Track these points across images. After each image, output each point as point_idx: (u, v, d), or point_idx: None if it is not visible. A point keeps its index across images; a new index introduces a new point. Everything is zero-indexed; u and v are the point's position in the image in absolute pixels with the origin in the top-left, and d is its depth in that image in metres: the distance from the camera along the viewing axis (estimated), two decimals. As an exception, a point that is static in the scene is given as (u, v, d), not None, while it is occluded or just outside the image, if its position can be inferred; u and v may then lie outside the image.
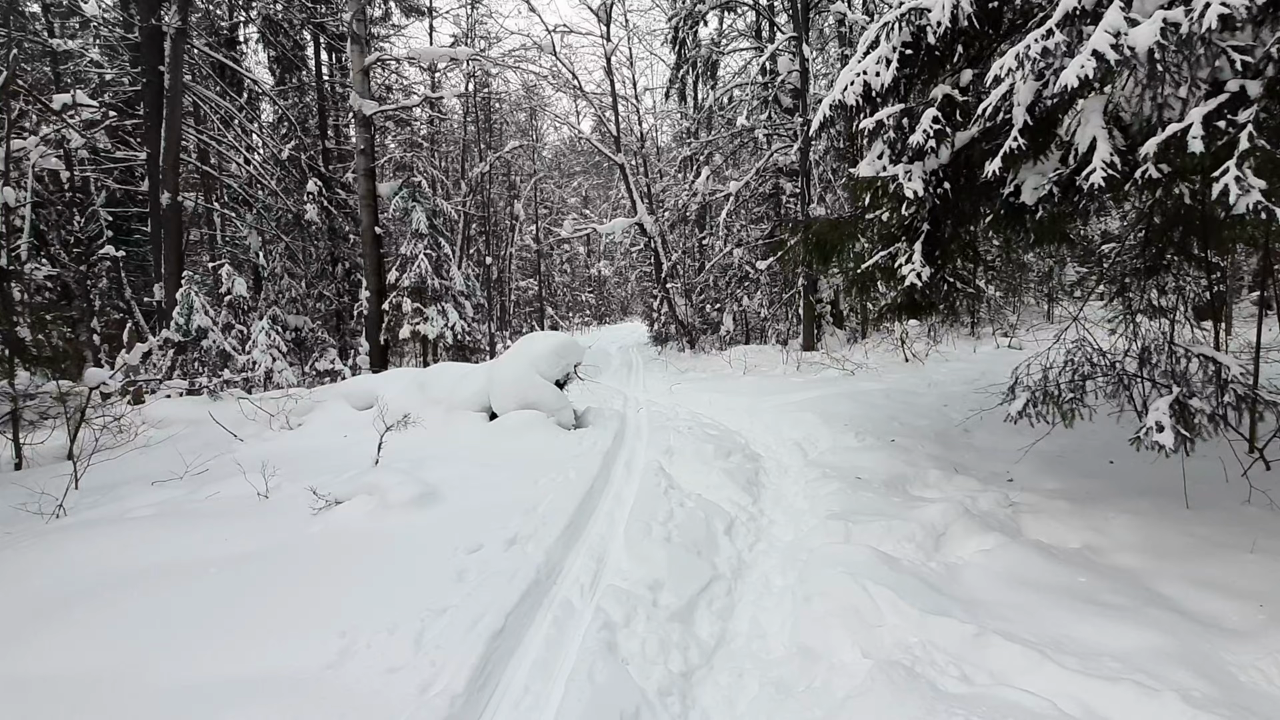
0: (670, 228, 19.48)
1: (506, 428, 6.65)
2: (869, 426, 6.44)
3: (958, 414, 6.85)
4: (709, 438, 6.46)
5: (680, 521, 3.96)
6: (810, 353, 12.40)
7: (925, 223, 4.04)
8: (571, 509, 4.23)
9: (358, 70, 12.71)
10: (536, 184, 28.28)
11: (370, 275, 12.88)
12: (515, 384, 6.97)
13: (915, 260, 3.87)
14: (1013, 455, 5.33)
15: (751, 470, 5.52)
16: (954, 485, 4.77)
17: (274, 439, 7.69)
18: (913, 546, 3.40)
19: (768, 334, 16.59)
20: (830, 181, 12.65)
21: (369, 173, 12.72)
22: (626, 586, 3.07)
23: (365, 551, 3.66)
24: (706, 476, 5.18)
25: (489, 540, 3.62)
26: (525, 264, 33.04)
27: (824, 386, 8.83)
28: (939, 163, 4.04)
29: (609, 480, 5.33)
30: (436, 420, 7.30)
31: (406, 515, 4.24)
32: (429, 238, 12.92)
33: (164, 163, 12.60)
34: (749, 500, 4.70)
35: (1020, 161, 3.36)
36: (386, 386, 8.64)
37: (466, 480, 5.04)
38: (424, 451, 6.22)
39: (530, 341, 7.36)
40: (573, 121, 23.18)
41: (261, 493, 5.14)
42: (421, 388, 8.08)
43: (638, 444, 6.67)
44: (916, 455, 5.41)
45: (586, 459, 5.61)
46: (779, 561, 3.62)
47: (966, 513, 3.68)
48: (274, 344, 11.64)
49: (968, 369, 9.25)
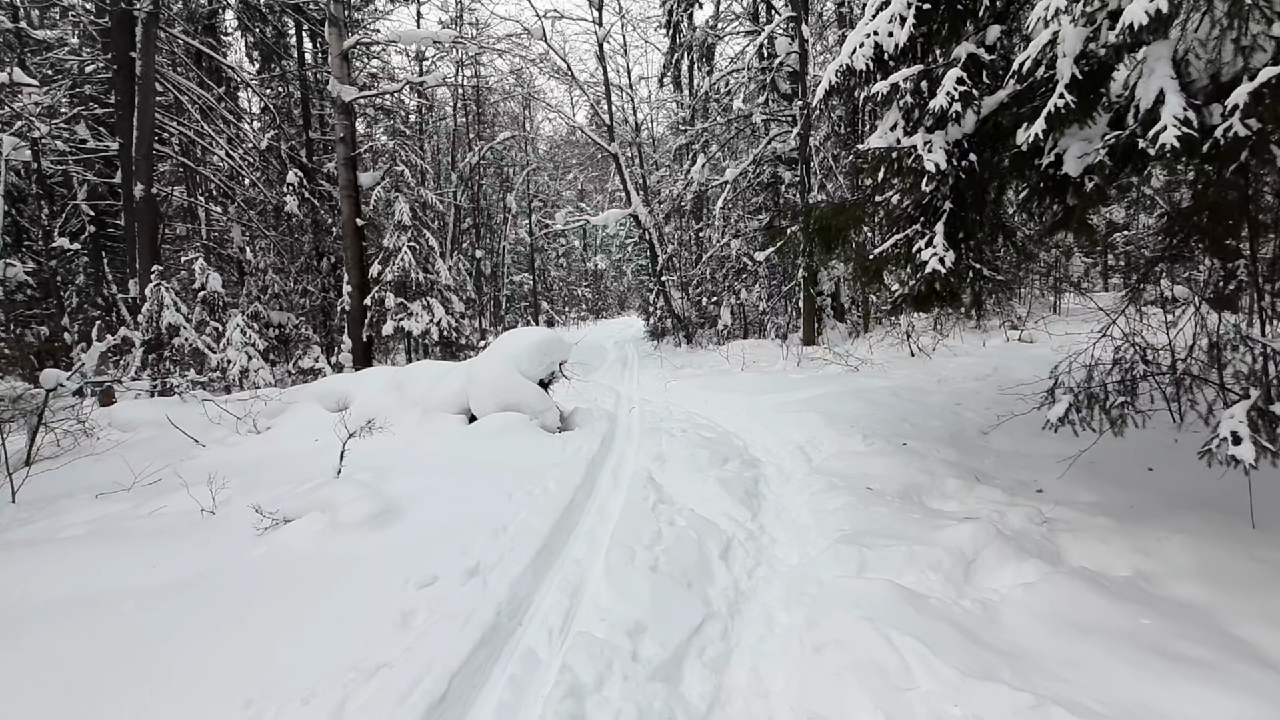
0: (666, 219, 18.93)
1: (484, 432, 6.14)
2: (877, 428, 5.94)
3: (972, 414, 6.35)
4: (704, 441, 5.96)
5: (670, 544, 3.46)
6: (810, 347, 11.90)
7: (947, 201, 3.53)
8: (546, 529, 3.73)
9: (336, 54, 12.13)
10: (530, 176, 27.68)
11: (352, 269, 12.34)
12: (495, 384, 6.46)
13: (937, 244, 3.36)
14: (1039, 461, 4.84)
15: (750, 479, 5.02)
16: (976, 496, 4.28)
17: (239, 444, 7.18)
18: (939, 578, 2.90)
19: (766, 328, 16.08)
20: (831, 168, 12.11)
21: (349, 162, 12.16)
22: (603, 633, 2.57)
23: (304, 584, 3.16)
24: (701, 487, 4.69)
25: (446, 570, 3.12)
26: (520, 258, 32.48)
27: (827, 384, 8.34)
28: (962, 132, 3.53)
29: (593, 491, 4.83)
30: (412, 423, 6.80)
31: (359, 537, 3.74)
32: (413, 230, 12.38)
33: (136, 153, 12.06)
34: (748, 515, 4.20)
35: (1063, 125, 2.85)
36: (361, 387, 8.14)
37: (433, 493, 4.54)
38: (393, 458, 5.71)
39: (511, 338, 6.84)
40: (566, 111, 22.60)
41: (207, 509, 4.64)
42: (398, 388, 7.57)
43: (627, 448, 6.18)
44: (931, 461, 4.91)
45: (569, 467, 5.11)
46: (782, 592, 3.12)
47: (999, 535, 3.18)
48: (249, 341, 11.11)
49: (978, 364, 8.76)
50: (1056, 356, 9.19)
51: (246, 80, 15.73)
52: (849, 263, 5.08)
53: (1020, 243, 3.69)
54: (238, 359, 10.87)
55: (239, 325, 11.02)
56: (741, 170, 12.88)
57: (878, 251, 3.66)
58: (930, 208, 3.67)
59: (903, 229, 3.65)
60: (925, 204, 3.74)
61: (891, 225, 3.77)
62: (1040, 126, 2.72)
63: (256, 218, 15.56)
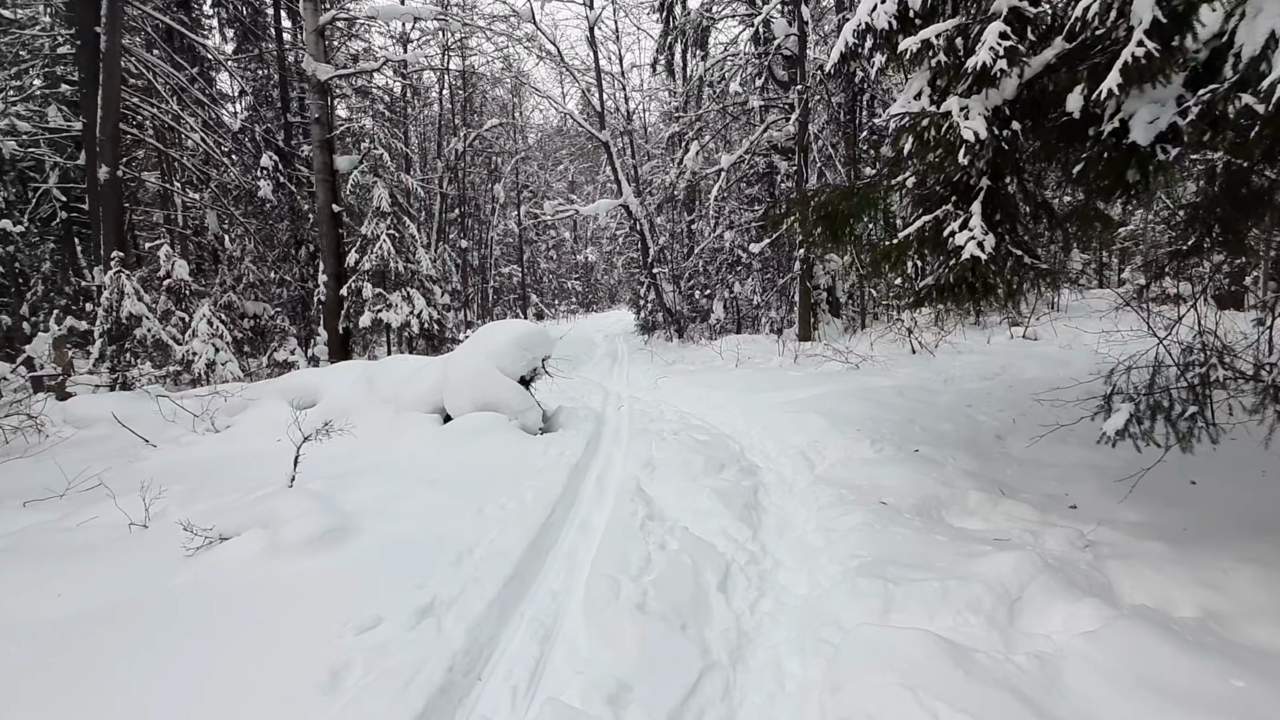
0: (658, 210, 18.39)
1: (459, 433, 5.63)
2: (885, 432, 5.49)
3: (985, 416, 5.91)
4: (697, 445, 5.48)
5: (660, 573, 2.98)
6: (807, 343, 11.45)
7: (984, 178, 3.04)
8: (519, 551, 3.23)
9: (311, 30, 11.47)
10: (518, 164, 27.00)
11: (328, 257, 11.73)
12: (471, 381, 5.94)
13: (974, 226, 2.89)
14: (1067, 472, 4.40)
15: (749, 489, 4.54)
16: (1002, 513, 3.83)
17: (194, 444, 6.62)
18: (980, 622, 2.44)
19: (760, 322, 15.62)
20: (830, 157, 11.63)
21: (325, 144, 11.53)
22: (578, 698, 2.09)
23: (222, 626, 2.65)
24: (695, 499, 4.21)
25: (395, 607, 2.62)
26: (509, 250, 31.82)
27: (826, 382, 7.88)
28: (1002, 97, 3.05)
29: (575, 502, 4.34)
30: (382, 423, 6.27)
31: (300, 561, 3.23)
32: (393, 217, 11.78)
33: (101, 132, 11.38)
34: (748, 533, 3.73)
35: (1140, 81, 2.37)
36: (330, 383, 7.59)
37: (396, 504, 4.03)
38: (356, 462, 5.19)
39: (490, 332, 6.32)
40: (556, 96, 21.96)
41: (139, 522, 4.11)
42: (369, 384, 7.04)
43: (615, 451, 5.69)
44: (949, 471, 4.46)
45: (550, 474, 4.61)
46: (792, 632, 2.66)
47: (1045, 566, 2.72)
48: (217, 333, 10.49)
49: (985, 362, 8.34)
50: (1065, 354, 8.83)
51: (220, 60, 15.00)
52: (862, 252, 4.61)
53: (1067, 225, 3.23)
54: (204, 351, 10.26)
55: (205, 316, 10.41)
56: (737, 158, 12.37)
57: (903, 235, 3.18)
58: (961, 185, 3.19)
59: (931, 210, 3.17)
60: (956, 181, 3.26)
61: (917, 206, 3.30)
62: (1114, 81, 2.24)
63: (232, 204, 14.88)
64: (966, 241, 2.85)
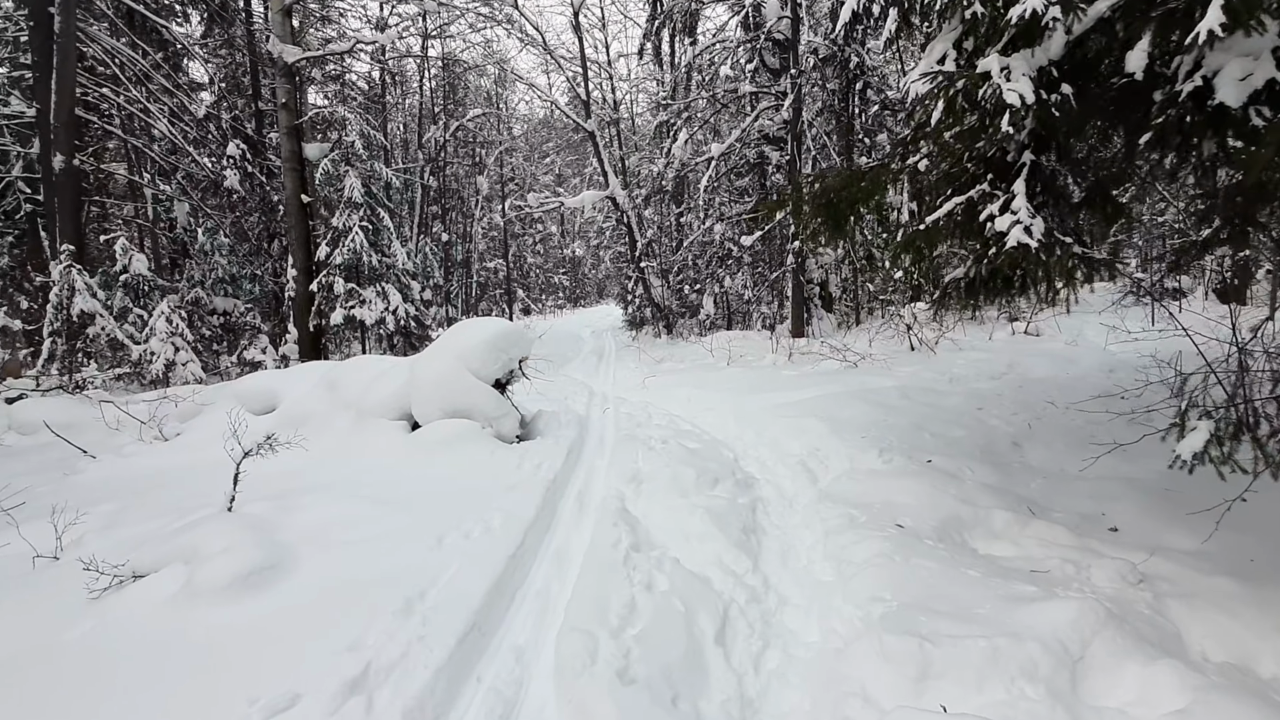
0: (645, 202, 17.86)
1: (426, 444, 5.11)
2: (893, 439, 5.04)
3: (998, 420, 5.49)
4: (688, 455, 5.00)
5: (647, 624, 2.50)
6: (801, 339, 11.01)
7: (1026, 151, 2.57)
8: (480, 594, 2.74)
9: (277, 10, 10.81)
10: (503, 156, 26.33)
11: (296, 251, 11.11)
12: (440, 385, 5.42)
13: (1018, 208, 2.42)
14: (1097, 487, 3.97)
15: (746, 507, 4.07)
16: (1034, 536, 3.39)
17: (138, 455, 6.05)
18: (1041, 695, 1.98)
19: (751, 318, 15.16)
20: (826, 145, 11.16)
21: (292, 131, 10.89)
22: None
23: (108, 699, 2.14)
24: (686, 520, 3.72)
25: (319, 678, 2.12)
26: (494, 244, 31.14)
27: (825, 382, 7.43)
28: (1049, 56, 2.57)
29: (552, 525, 3.85)
30: (343, 430, 5.74)
31: (219, 609, 2.71)
32: (366, 208, 11.17)
33: (55, 119, 10.69)
34: (747, 563, 3.25)
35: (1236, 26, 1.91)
36: (290, 386, 7.01)
37: (344, 531, 3.52)
38: (309, 477, 4.67)
39: (461, 331, 5.79)
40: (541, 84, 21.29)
41: (48, 553, 3.57)
42: (331, 387, 6.48)
43: (598, 462, 5.20)
44: (968, 485, 4.01)
45: (524, 491, 4.11)
46: (807, 700, 2.19)
47: (1109, 616, 2.27)
48: (177, 331, 9.86)
49: (989, 360, 7.93)
50: (1071, 350, 8.45)
51: (183, 43, 14.24)
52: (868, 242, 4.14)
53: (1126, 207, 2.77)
54: (162, 351, 9.62)
55: (164, 313, 9.77)
56: (727, 146, 11.87)
57: (931, 220, 2.70)
58: (996, 162, 2.72)
59: (962, 190, 2.69)
60: (989, 157, 2.79)
61: (944, 186, 2.82)
62: (1214, 20, 1.77)
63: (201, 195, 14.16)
64: (1011, 227, 2.39)
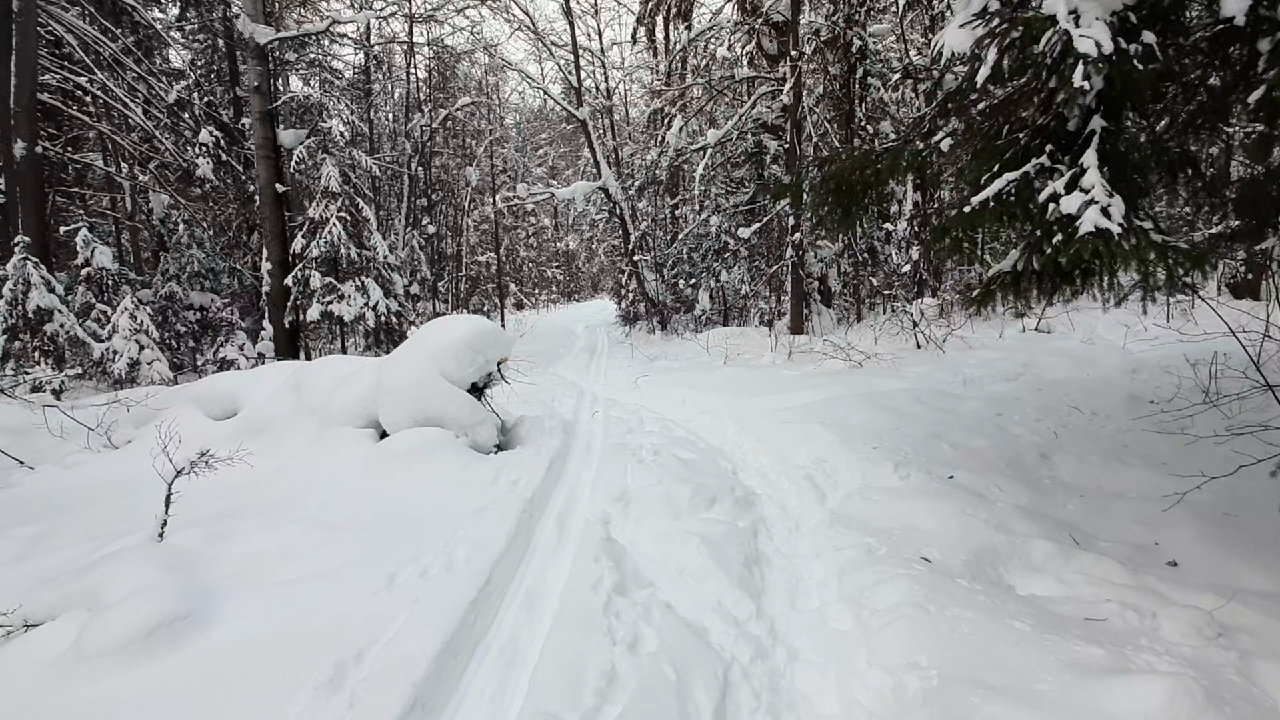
0: (639, 193, 17.32)
1: (391, 456, 4.61)
2: (908, 450, 4.57)
3: (1021, 428, 5.02)
4: (682, 468, 4.52)
5: (630, 700, 2.02)
6: (802, 336, 10.53)
7: (1096, 116, 2.08)
8: (429, 656, 2.25)
9: (248, -13, 10.22)
10: (495, 147, 25.70)
11: (271, 243, 10.55)
12: (409, 390, 4.91)
13: (1090, 185, 1.93)
14: (1142, 507, 3.51)
15: (747, 531, 3.60)
16: (1080, 571, 2.93)
17: (82, 465, 5.53)
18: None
19: (749, 313, 14.68)
20: (827, 132, 10.65)
21: (265, 116, 10.31)
22: None
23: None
24: (680, 551, 3.25)
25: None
26: (486, 237, 30.51)
27: (829, 384, 6.95)
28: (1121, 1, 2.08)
29: (526, 555, 3.37)
30: (305, 439, 5.23)
31: (107, 677, 2.23)
32: (345, 198, 10.61)
33: (15, 104, 10.13)
34: (750, 607, 2.78)
35: None
36: (253, 388, 6.49)
37: (280, 567, 3.03)
38: (255, 496, 4.17)
39: (433, 330, 5.28)
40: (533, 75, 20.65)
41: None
42: (297, 390, 5.97)
43: (583, 475, 4.72)
44: (999, 508, 3.54)
45: (496, 514, 3.62)
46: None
47: (1207, 699, 1.80)
48: (141, 328, 9.31)
49: (1002, 360, 7.46)
50: (1088, 350, 7.97)
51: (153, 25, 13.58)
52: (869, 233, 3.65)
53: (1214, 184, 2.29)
54: (125, 349, 9.07)
55: (127, 309, 9.21)
56: (724, 133, 11.35)
57: (977, 201, 2.21)
58: (1058, 130, 2.23)
59: (1014, 165, 2.21)
60: (1040, 127, 2.30)
61: (991, 161, 2.33)
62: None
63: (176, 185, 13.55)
64: (1083, 208, 1.90)
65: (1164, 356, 6.85)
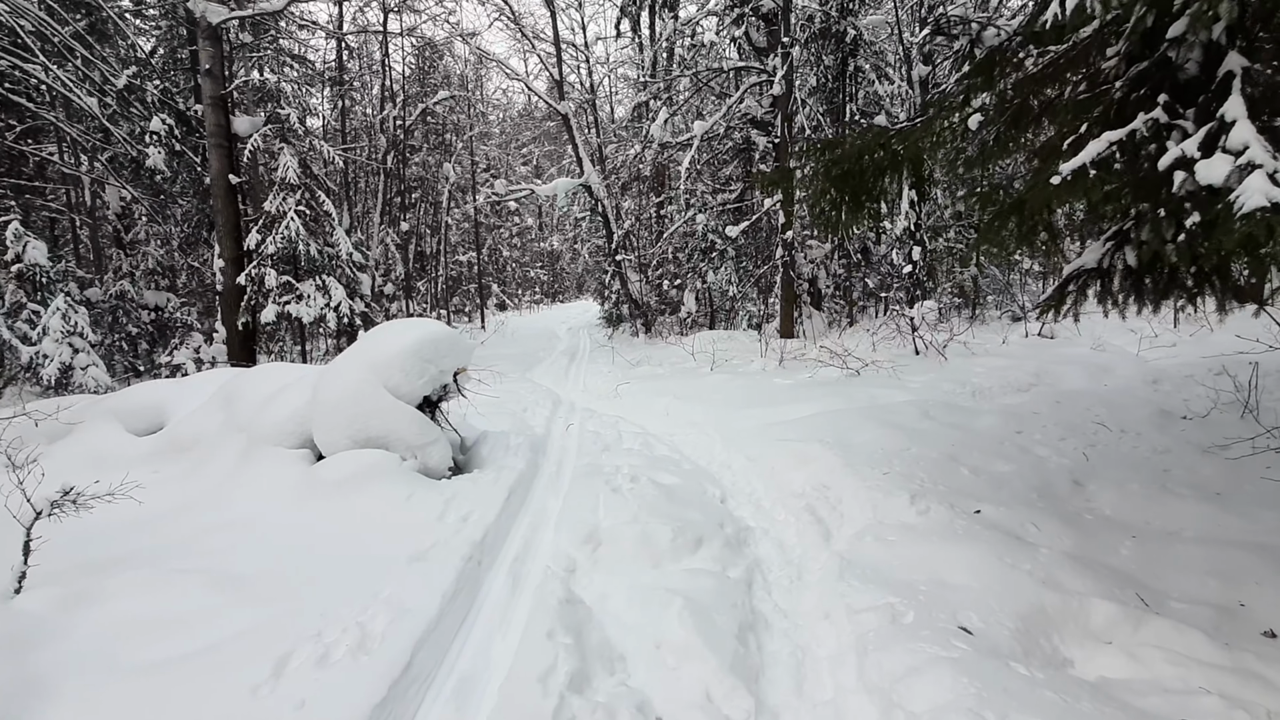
0: (623, 191, 16.69)
1: (322, 485, 3.92)
2: (923, 476, 3.97)
3: (1046, 449, 4.44)
4: (663, 496, 3.89)
5: None
6: (793, 341, 9.96)
7: (1234, 52, 1.49)
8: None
9: (199, -38, 9.43)
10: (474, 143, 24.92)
11: (224, 238, 9.76)
12: (347, 406, 4.23)
13: (1243, 141, 1.33)
14: (1209, 552, 2.93)
15: (740, 583, 2.98)
16: (1156, 644, 2.34)
17: (-30, 490, 4.75)
18: None
19: (736, 315, 14.10)
20: (820, 125, 10.09)
21: (218, 102, 9.53)
22: None
23: None
24: (659, 616, 2.61)
25: None
26: (467, 235, 29.68)
27: (826, 394, 6.36)
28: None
29: (465, 625, 2.71)
30: (228, 462, 4.52)
31: None
32: (303, 190, 9.85)
33: (-55, 87, 9.24)
34: (747, 702, 2.15)
35: None
36: (184, 399, 5.77)
37: (147, 640, 2.36)
38: (145, 538, 3.48)
39: (378, 337, 4.60)
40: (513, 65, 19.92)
41: None
42: (228, 403, 5.26)
43: (550, 504, 4.07)
44: (1042, 554, 2.95)
45: (436, 562, 2.97)
46: None
47: None
48: (75, 330, 8.50)
49: (1011, 368, 6.92)
50: (1100, 357, 7.41)
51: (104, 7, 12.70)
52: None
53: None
54: (56, 353, 8.27)
55: (59, 309, 8.40)
56: (711, 124, 10.74)
57: (1069, 168, 1.59)
58: (1165, 78, 1.62)
59: (1117, 122, 1.60)
60: (1140, 74, 1.69)
61: (1075, 116, 1.73)
62: None
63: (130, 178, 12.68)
64: (1240, 176, 1.30)
65: (1183, 365, 6.35)
